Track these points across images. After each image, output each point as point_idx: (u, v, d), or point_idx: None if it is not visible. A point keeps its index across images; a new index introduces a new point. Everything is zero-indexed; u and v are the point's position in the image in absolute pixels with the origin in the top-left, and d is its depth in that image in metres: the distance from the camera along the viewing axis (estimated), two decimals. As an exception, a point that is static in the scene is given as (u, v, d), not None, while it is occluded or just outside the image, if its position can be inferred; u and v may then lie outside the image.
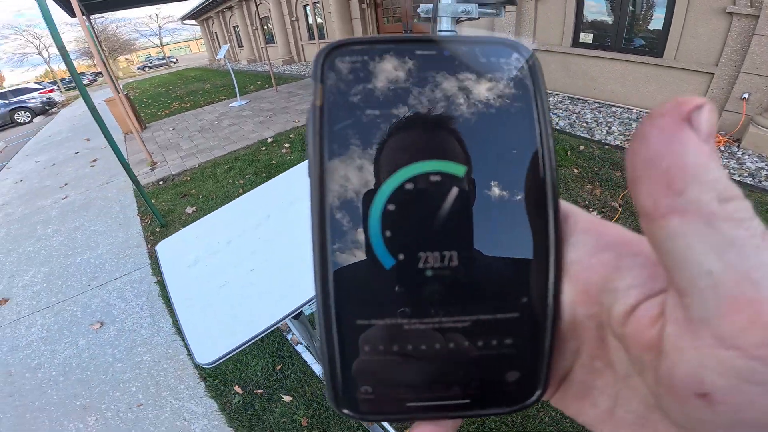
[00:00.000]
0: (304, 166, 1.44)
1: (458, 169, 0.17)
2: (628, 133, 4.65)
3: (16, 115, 16.28)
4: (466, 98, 0.18)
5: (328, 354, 0.18)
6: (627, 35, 5.56)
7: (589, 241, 0.18)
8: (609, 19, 5.72)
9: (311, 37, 13.18)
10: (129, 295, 3.09)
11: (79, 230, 4.36)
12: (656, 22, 5.20)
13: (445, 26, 1.26)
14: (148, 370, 2.38)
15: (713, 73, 4.60)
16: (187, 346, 0.89)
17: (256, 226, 1.41)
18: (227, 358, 0.93)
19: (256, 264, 1.27)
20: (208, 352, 0.96)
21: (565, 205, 0.19)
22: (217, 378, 2.21)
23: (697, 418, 0.14)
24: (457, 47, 0.18)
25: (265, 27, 18.20)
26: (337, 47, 0.18)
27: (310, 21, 14.00)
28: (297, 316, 1.50)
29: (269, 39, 18.00)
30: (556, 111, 5.79)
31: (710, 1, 4.43)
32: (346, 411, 0.19)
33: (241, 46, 21.94)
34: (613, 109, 5.70)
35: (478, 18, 1.21)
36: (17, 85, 35.69)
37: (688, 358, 0.14)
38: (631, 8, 5.42)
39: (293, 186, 1.43)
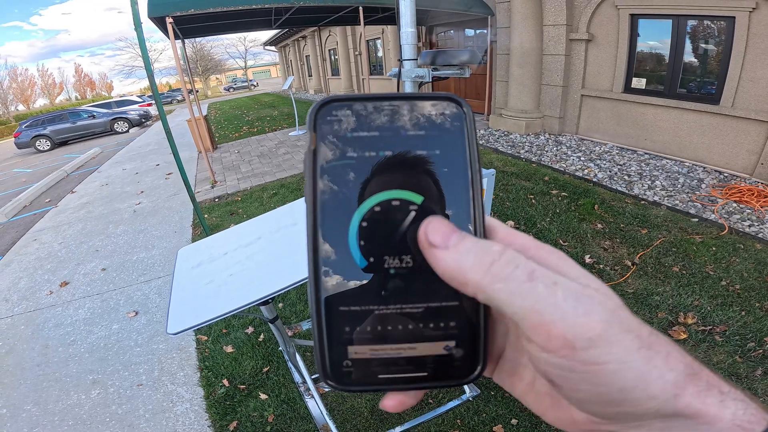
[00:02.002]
0: (292, 205, 1.75)
1: (412, 196, 0.22)
2: (671, 189, 4.35)
3: (116, 124, 17.19)
4: (418, 139, 0.23)
5: (318, 336, 0.22)
6: (683, 77, 5.10)
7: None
8: (663, 62, 5.27)
9: (371, 72, 13.60)
10: (166, 291, 3.45)
11: (143, 233, 4.88)
12: (712, 64, 4.76)
13: (408, 87, 1.48)
14: (158, 357, 2.66)
15: (773, 122, 4.13)
16: (166, 320, 1.19)
17: (248, 244, 1.70)
18: (184, 331, 1.22)
19: (235, 271, 1.54)
20: (176, 326, 1.24)
21: (490, 220, 0.24)
22: (212, 371, 2.44)
23: (562, 395, 0.19)
24: (412, 101, 0.23)
25: (332, 59, 18.63)
26: (326, 104, 0.23)
27: (372, 55, 14.32)
28: (273, 320, 1.75)
29: (335, 71, 18.41)
30: (599, 162, 5.42)
31: (770, 39, 4.02)
32: (330, 383, 0.23)
33: (310, 75, 22.32)
34: (664, 161, 5.23)
35: (432, 81, 1.41)
36: (122, 96, 38.74)
37: (533, 356, 0.19)
38: (687, 49, 4.99)
39: (282, 219, 1.74)
